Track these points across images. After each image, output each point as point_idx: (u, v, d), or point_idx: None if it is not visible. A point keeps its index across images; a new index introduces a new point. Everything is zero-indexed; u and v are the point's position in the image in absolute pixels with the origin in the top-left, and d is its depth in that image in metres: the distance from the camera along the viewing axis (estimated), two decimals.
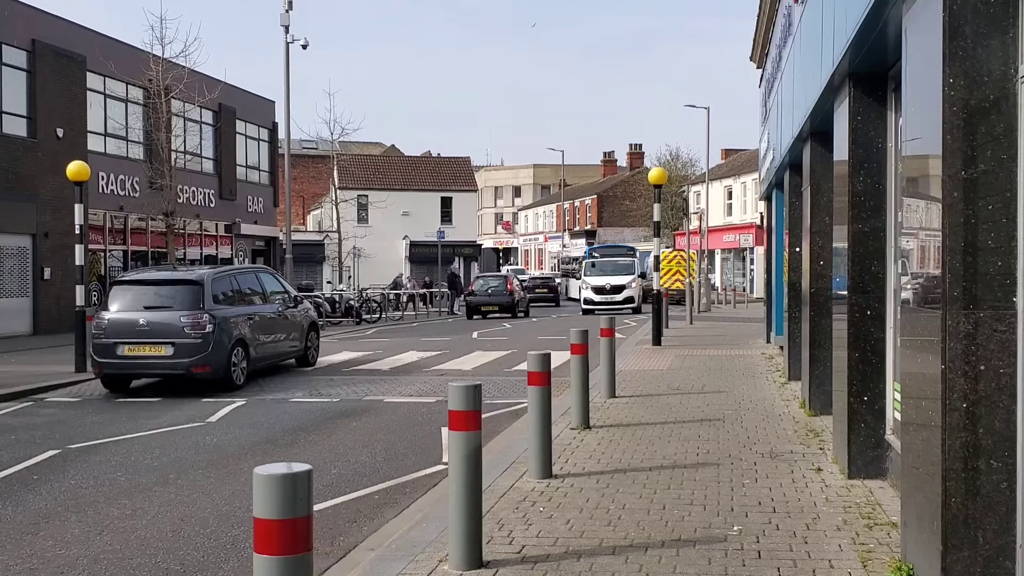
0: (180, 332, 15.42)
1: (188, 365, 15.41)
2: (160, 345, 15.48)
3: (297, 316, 19.09)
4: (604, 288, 41.15)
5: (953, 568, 4.62)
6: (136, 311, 15.75)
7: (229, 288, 17.01)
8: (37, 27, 29.62)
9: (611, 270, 42.85)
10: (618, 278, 41.95)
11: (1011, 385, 4.54)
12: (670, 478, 8.28)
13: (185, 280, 16.37)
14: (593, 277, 42.40)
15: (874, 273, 7.89)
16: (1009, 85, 4.54)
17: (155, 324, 15.57)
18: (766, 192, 20.80)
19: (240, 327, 16.36)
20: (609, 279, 41.84)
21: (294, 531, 3.61)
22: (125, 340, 15.49)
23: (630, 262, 43.51)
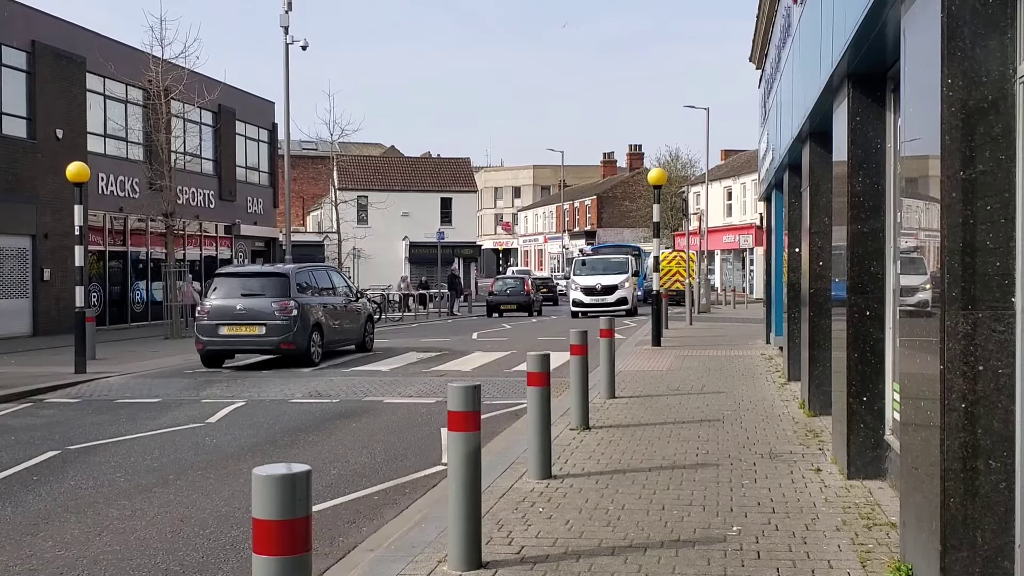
0: (271, 315, 18.79)
1: (277, 343, 18.83)
2: (254, 326, 18.85)
3: (359, 308, 22.39)
4: (594, 289, 38.43)
5: (952, 568, 4.62)
6: (234, 298, 19.15)
7: (307, 281, 20.25)
8: (37, 28, 29.63)
9: (603, 269, 40.13)
10: (610, 277, 39.07)
11: (1010, 385, 4.55)
12: (669, 479, 8.28)
13: (275, 273, 20.03)
14: (583, 277, 39.64)
15: (873, 274, 7.90)
16: (1007, 85, 4.54)
17: (250, 308, 18.93)
18: (765, 193, 20.81)
19: (317, 313, 19.61)
20: (600, 279, 38.95)
21: (293, 532, 3.61)
22: (225, 322, 18.89)
23: (624, 260, 41.05)
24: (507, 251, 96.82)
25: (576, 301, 38.47)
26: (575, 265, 41.55)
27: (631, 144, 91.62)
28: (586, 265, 40.90)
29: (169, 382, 17.20)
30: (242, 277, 20.26)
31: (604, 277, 39.21)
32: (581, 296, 38.47)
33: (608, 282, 38.80)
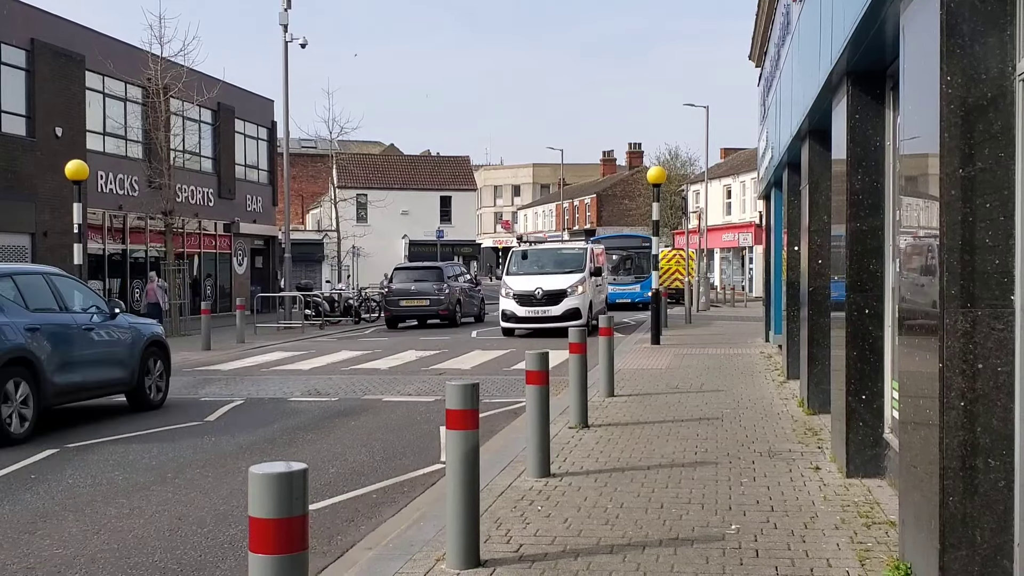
0: (433, 293, 30.77)
1: (437, 310, 30.95)
2: (423, 299, 30.88)
3: (477, 290, 34.69)
4: (532, 296, 25.68)
5: (951, 567, 4.61)
6: (409, 282, 31.48)
7: (452, 272, 32.68)
8: (36, 26, 29.59)
9: (551, 266, 27.51)
10: (557, 279, 26.26)
11: (1009, 384, 4.54)
12: (668, 477, 8.27)
13: (434, 267, 32.78)
14: (519, 277, 26.83)
15: (872, 272, 7.89)
16: (1007, 83, 4.53)
17: (420, 288, 30.99)
18: (765, 191, 20.80)
19: (459, 293, 31.93)
20: (542, 281, 26.11)
21: (289, 530, 3.60)
22: (403, 297, 31.10)
23: (579, 254, 27.99)
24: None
25: (507, 313, 26.15)
26: (511, 259, 28.35)
27: (630, 142, 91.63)
28: (527, 260, 28.00)
29: None
30: (412, 270, 32.74)
31: (549, 278, 26.34)
32: (513, 306, 25.98)
33: (552, 285, 25.84)
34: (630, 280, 44.11)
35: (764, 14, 22.25)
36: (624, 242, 47.29)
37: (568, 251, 29.07)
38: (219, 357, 20.93)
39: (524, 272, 27.10)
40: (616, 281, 43.11)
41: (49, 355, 11.98)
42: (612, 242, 46.70)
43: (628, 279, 44.26)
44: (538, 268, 27.28)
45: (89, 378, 12.77)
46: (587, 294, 26.15)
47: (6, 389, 11.15)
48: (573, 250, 28.89)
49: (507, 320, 26.19)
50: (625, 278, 44.31)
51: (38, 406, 11.65)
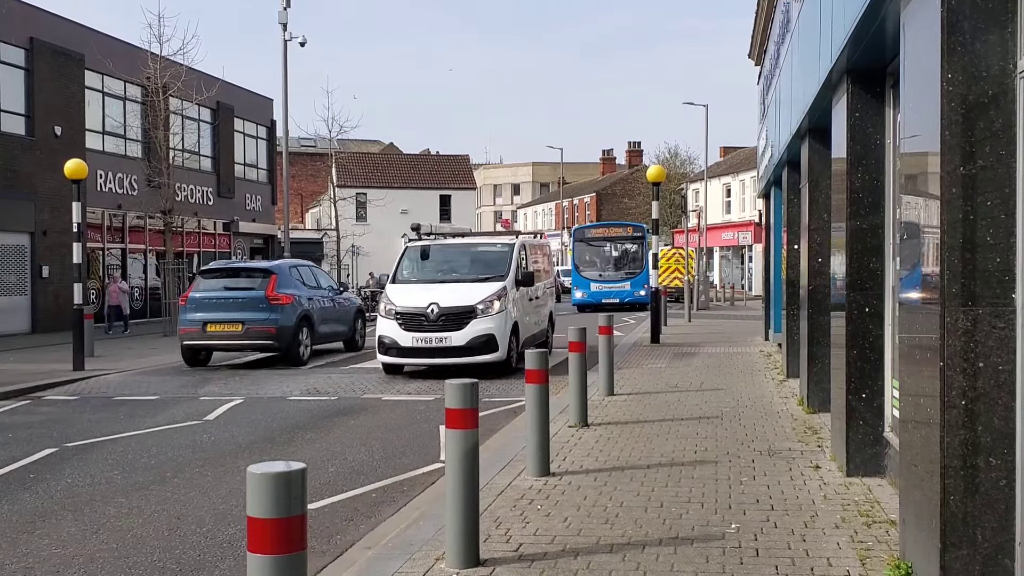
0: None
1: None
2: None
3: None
4: (423, 316, 16.67)
5: (952, 566, 4.60)
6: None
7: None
8: (35, 25, 29.58)
9: (458, 270, 18.41)
10: (461, 290, 17.28)
11: (1010, 382, 4.52)
12: (668, 476, 8.26)
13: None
14: (407, 287, 17.75)
15: (872, 270, 7.87)
16: (1008, 80, 4.52)
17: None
18: (764, 189, 20.79)
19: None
20: (438, 294, 17.08)
21: (288, 530, 3.58)
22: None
23: (502, 254, 18.45)
24: None
25: (387, 342, 17.01)
26: (402, 260, 18.76)
27: (630, 141, 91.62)
28: (427, 260, 18.74)
29: (167, 379, 17.18)
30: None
31: (452, 289, 17.30)
32: (395, 331, 16.88)
33: (454, 300, 16.88)
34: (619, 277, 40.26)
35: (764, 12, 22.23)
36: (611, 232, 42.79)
37: (486, 248, 18.90)
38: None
39: (418, 279, 17.87)
40: (603, 277, 39.92)
41: (317, 314, 20.25)
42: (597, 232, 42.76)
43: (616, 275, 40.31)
44: (440, 274, 18.05)
45: (333, 330, 21.35)
46: (507, 314, 16.75)
47: (301, 333, 19.38)
48: (494, 247, 18.77)
49: (386, 352, 16.75)
50: (613, 274, 40.40)
51: (312, 345, 20.02)
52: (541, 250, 21.01)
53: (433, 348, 16.49)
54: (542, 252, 21.07)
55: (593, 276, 40.55)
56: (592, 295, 39.90)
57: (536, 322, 19.17)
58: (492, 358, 16.47)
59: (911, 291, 5.40)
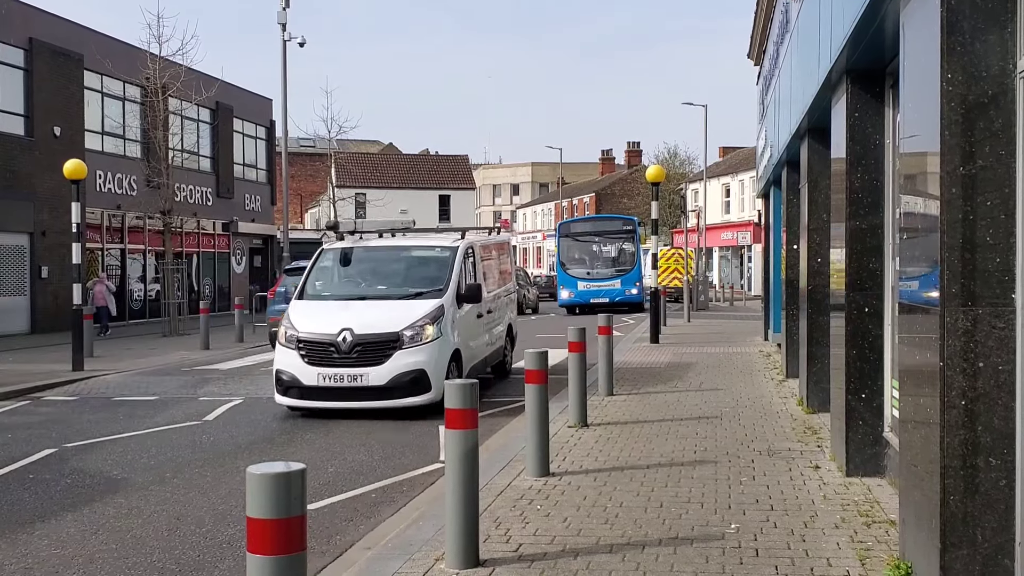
0: None
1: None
2: None
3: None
4: (332, 346, 12.47)
5: (952, 566, 4.59)
6: None
7: None
8: (34, 25, 29.56)
9: (384, 281, 14.15)
10: (385, 309, 13.08)
11: (1010, 382, 4.52)
12: (668, 476, 8.26)
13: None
14: (316, 305, 13.55)
15: (872, 270, 7.87)
16: (1007, 80, 4.51)
17: None
18: (764, 189, 20.78)
19: None
20: (353, 315, 12.89)
21: (287, 530, 3.58)
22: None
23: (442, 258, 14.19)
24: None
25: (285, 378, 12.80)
26: (314, 267, 14.54)
27: (629, 141, 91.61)
28: (349, 268, 14.53)
29: (166, 380, 17.17)
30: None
31: (373, 308, 13.22)
32: (297, 364, 12.68)
33: (374, 324, 12.67)
34: (608, 274, 37.75)
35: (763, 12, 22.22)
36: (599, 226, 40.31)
37: (423, 253, 14.63)
38: (218, 356, 20.92)
39: (332, 294, 13.81)
40: (591, 275, 37.41)
41: None
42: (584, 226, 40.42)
43: (606, 273, 37.82)
44: (362, 287, 13.99)
45: None
46: (445, 341, 12.79)
47: None
48: (432, 251, 14.51)
49: (285, 391, 12.72)
50: (602, 271, 37.83)
51: None
52: (499, 249, 17.06)
53: (345, 389, 12.34)
54: (499, 251, 17.04)
55: (581, 274, 37.75)
56: (580, 295, 37.39)
57: (489, 342, 15.13)
58: (423, 400, 12.29)
59: (910, 291, 5.40)
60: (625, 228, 39.11)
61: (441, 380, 12.21)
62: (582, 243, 39.18)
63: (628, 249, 38.74)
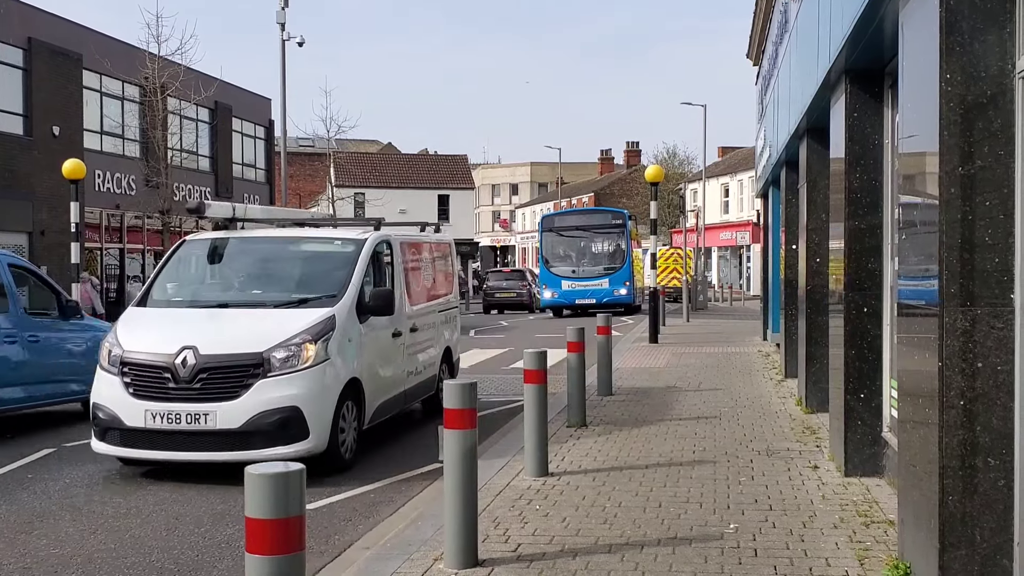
0: None
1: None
2: None
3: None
4: (168, 372, 8.79)
5: (950, 566, 4.59)
6: None
7: None
8: (33, 25, 29.55)
9: (262, 289, 10.39)
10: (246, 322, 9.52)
11: (1009, 382, 4.52)
12: (666, 476, 8.26)
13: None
14: (157, 315, 9.98)
15: (871, 270, 7.88)
16: (1006, 80, 4.51)
17: None
18: (763, 189, 20.79)
19: None
20: (199, 331, 9.22)
21: (286, 530, 3.58)
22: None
23: (342, 255, 10.37)
24: (504, 248, 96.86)
25: (104, 417, 9.06)
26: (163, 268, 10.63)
27: (628, 141, 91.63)
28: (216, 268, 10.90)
29: None
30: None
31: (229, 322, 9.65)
32: (115, 398, 8.97)
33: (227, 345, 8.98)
34: (595, 273, 34.75)
35: (762, 12, 22.23)
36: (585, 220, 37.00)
37: (318, 247, 11.26)
38: None
39: (186, 300, 10.45)
40: (577, 274, 34.53)
41: None
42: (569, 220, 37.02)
43: (593, 271, 34.79)
44: (231, 291, 10.63)
45: None
46: (333, 367, 9.26)
47: None
48: (331, 244, 11.10)
49: (103, 434, 9.15)
50: (588, 269, 34.84)
51: None
52: (436, 252, 13.05)
53: (182, 434, 8.74)
54: (437, 254, 13.10)
55: (565, 273, 34.77)
56: (564, 295, 34.59)
57: (411, 371, 11.41)
58: (296, 451, 8.64)
59: (909, 291, 5.40)
60: (614, 222, 35.54)
61: (327, 422, 8.89)
62: (567, 238, 35.86)
63: (617, 245, 35.61)
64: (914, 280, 5.29)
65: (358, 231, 11.14)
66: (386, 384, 10.59)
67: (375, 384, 10.16)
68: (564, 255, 35.73)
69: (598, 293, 33.57)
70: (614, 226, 35.43)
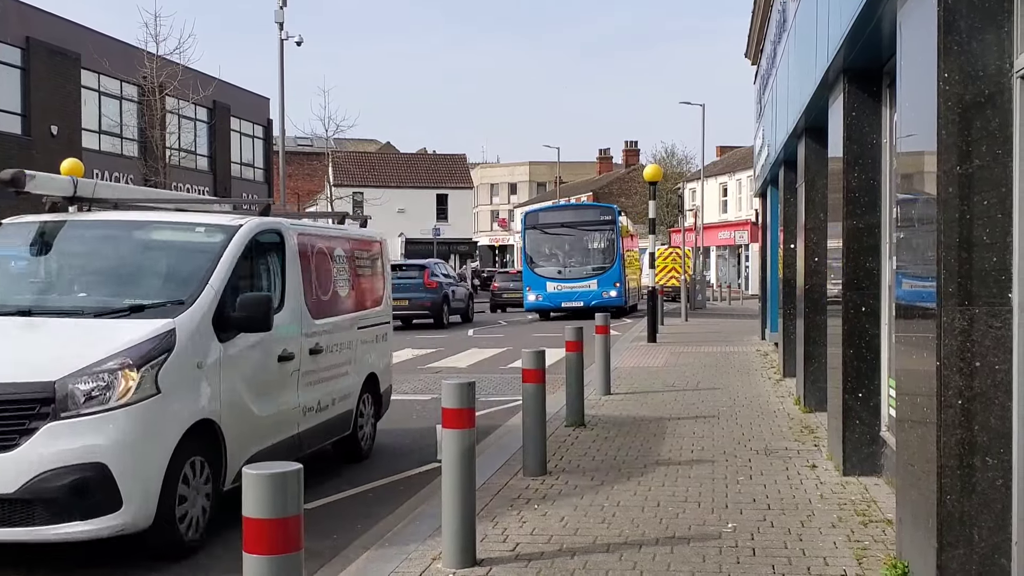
0: None
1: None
2: None
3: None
4: None
5: (948, 565, 4.59)
6: None
7: None
8: (32, 24, 29.54)
9: (77, 292, 7.64)
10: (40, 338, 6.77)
11: (1007, 382, 4.52)
12: (665, 475, 8.26)
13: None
14: None
15: (869, 269, 7.88)
16: (1004, 80, 4.51)
17: None
18: (761, 189, 20.80)
19: None
20: None
21: (284, 530, 3.58)
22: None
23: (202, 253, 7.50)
24: (503, 247, 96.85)
25: None
26: None
27: (627, 140, 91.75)
28: (37, 260, 8.40)
29: None
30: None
31: (17, 338, 6.74)
32: None
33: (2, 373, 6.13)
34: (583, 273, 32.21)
35: (760, 12, 22.24)
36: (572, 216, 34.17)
37: (172, 235, 8.16)
38: None
39: None
40: (563, 275, 32.11)
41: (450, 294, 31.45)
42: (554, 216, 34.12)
43: (580, 272, 32.27)
44: (39, 292, 7.88)
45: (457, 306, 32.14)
46: (166, 404, 6.41)
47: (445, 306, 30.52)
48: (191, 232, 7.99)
49: None
50: (575, 270, 32.32)
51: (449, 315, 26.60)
52: (354, 251, 10.27)
53: None
54: (360, 254, 10.44)
55: (551, 273, 32.17)
56: (549, 297, 32.00)
57: (309, 407, 8.66)
58: (100, 528, 6.09)
59: (907, 290, 5.40)
60: (603, 219, 32.82)
61: (153, 485, 6.26)
62: (552, 236, 32.89)
63: (607, 244, 32.92)
64: (912, 279, 5.28)
65: (234, 217, 8.27)
66: (264, 427, 7.71)
67: (244, 427, 7.34)
68: (549, 254, 32.85)
69: (586, 295, 30.83)
70: (603, 222, 32.64)
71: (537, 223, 33.46)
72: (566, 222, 32.84)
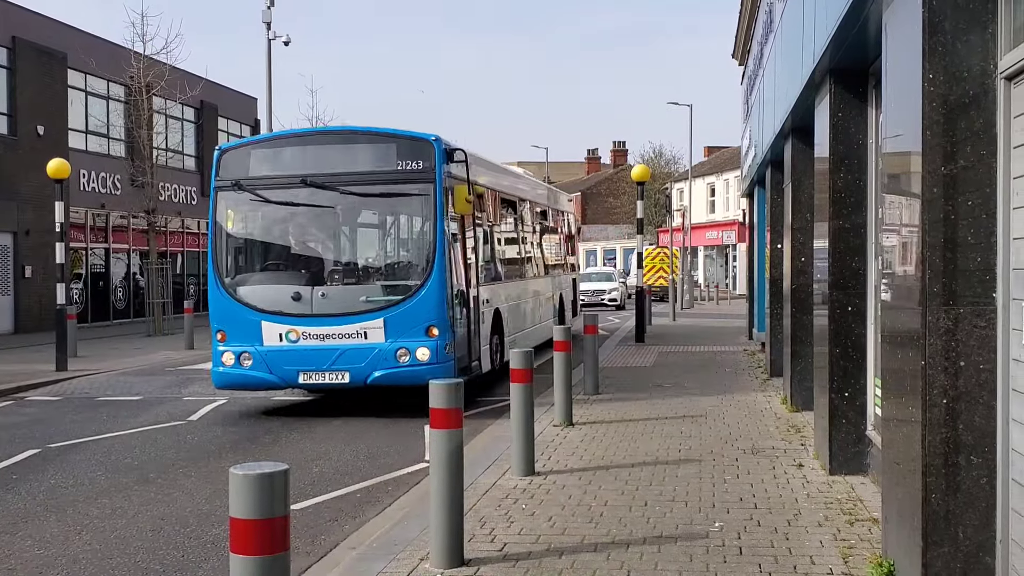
0: None
1: None
2: None
3: None
4: None
5: (934, 564, 4.62)
6: None
7: None
8: (18, 24, 29.41)
9: None
10: None
11: (991, 381, 4.54)
12: (652, 475, 8.27)
13: None
14: None
15: (855, 269, 7.91)
16: (988, 81, 4.54)
17: None
18: (748, 189, 20.85)
19: None
20: None
21: (271, 531, 3.58)
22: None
23: None
24: None
25: None
26: None
27: (615, 141, 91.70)
28: None
29: (151, 380, 17.11)
30: None
31: None
32: None
33: None
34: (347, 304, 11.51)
35: (747, 12, 22.30)
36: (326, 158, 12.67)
37: None
38: (202, 356, 20.83)
39: None
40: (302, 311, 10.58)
41: None
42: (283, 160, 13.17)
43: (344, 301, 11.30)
44: None
45: None
46: None
47: None
48: None
49: None
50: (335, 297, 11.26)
51: None
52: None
53: None
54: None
55: (271, 304, 12.76)
56: (269, 361, 12.55)
57: None
58: None
59: (893, 290, 5.42)
60: (402, 165, 12.75)
61: None
62: (278, 208, 13.55)
63: (419, 223, 13.45)
64: (897, 279, 5.31)
65: None
66: None
67: None
68: (271, 256, 14.06)
69: (354, 360, 12.52)
70: (401, 172, 12.80)
71: (245, 176, 13.35)
72: (313, 175, 12.99)
